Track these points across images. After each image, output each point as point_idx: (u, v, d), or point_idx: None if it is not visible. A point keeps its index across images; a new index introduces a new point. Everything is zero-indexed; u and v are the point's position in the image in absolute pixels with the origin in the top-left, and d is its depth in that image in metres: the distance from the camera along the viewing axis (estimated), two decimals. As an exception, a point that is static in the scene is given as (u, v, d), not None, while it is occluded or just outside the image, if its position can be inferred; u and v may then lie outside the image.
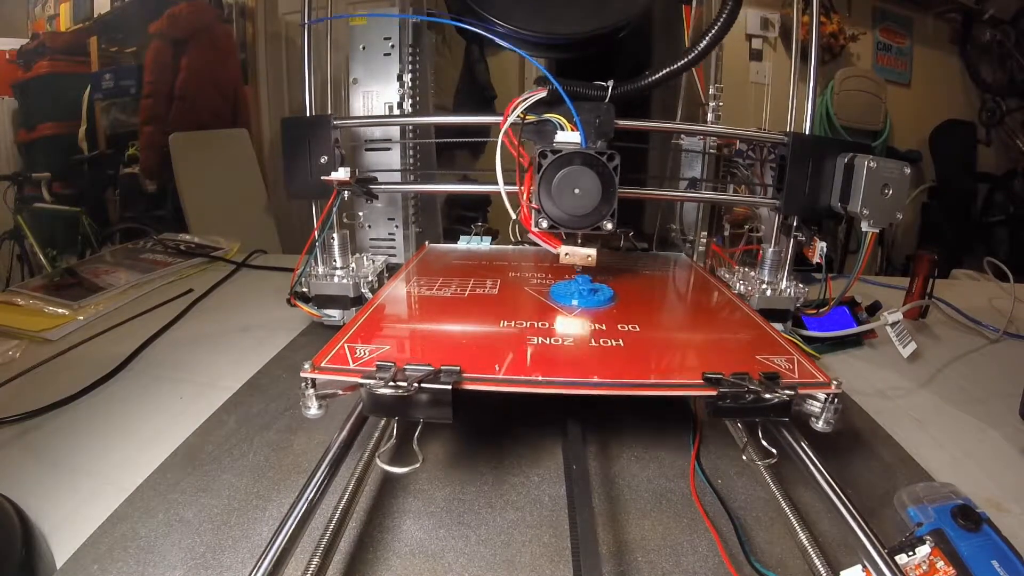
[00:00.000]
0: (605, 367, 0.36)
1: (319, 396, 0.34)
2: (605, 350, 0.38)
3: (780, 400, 0.32)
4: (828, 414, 0.34)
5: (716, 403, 0.33)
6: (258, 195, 2.02)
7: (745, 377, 0.33)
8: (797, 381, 0.35)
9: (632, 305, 0.48)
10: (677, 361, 0.39)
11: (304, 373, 0.34)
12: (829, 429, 0.35)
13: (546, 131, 0.47)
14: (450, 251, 0.67)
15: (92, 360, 0.57)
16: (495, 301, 0.48)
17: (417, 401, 0.31)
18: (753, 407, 0.32)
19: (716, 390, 0.32)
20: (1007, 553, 0.32)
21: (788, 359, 0.38)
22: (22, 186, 2.05)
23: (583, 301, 0.47)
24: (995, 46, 2.17)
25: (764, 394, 0.32)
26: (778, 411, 0.33)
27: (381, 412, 0.33)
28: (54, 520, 0.36)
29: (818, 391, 0.34)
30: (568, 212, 0.44)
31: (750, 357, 0.38)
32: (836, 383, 0.34)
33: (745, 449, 0.36)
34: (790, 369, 0.36)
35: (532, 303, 0.48)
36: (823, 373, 0.36)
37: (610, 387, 0.34)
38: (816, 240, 0.53)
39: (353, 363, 0.35)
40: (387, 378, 0.31)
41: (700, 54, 0.48)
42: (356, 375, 0.33)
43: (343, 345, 0.37)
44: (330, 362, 0.35)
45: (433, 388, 0.31)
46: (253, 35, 2.17)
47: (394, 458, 0.33)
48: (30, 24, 2.46)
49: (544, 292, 0.50)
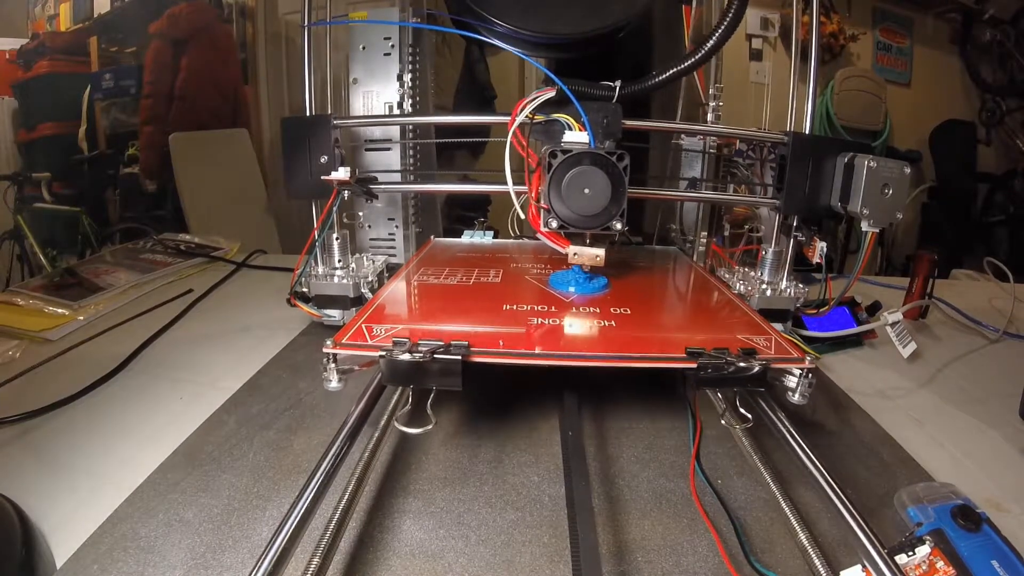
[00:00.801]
0: (598, 343, 0.40)
1: (339, 371, 0.37)
2: (599, 329, 0.42)
3: (756, 371, 0.35)
4: (803, 387, 0.37)
5: (697, 374, 0.36)
6: (258, 195, 2.02)
7: (724, 351, 0.36)
8: (773, 356, 0.38)
9: (625, 292, 0.51)
10: (664, 338, 0.42)
11: (327, 348, 0.37)
12: (804, 401, 0.38)
13: (554, 131, 0.47)
14: (454, 245, 0.70)
15: (92, 360, 0.57)
16: (498, 288, 0.51)
17: (430, 369, 0.35)
18: (732, 377, 0.36)
19: (696, 362, 0.36)
20: (1007, 553, 0.32)
21: (767, 338, 0.41)
22: (22, 186, 2.05)
23: (580, 288, 0.50)
24: (995, 46, 2.17)
25: (740, 363, 0.35)
26: (755, 381, 0.36)
27: (398, 380, 0.36)
28: (54, 520, 0.36)
29: (792, 365, 0.38)
30: (578, 212, 0.45)
31: (732, 336, 0.41)
32: (810, 358, 0.37)
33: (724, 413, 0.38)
34: (767, 346, 0.39)
35: (532, 290, 0.51)
36: (798, 350, 0.39)
37: (603, 360, 0.37)
38: (816, 240, 0.53)
39: (371, 340, 0.38)
40: (404, 348, 0.35)
41: (708, 53, 0.48)
42: (374, 350, 0.36)
43: (361, 325, 0.40)
44: (350, 339, 0.38)
45: (445, 358, 0.35)
46: (253, 35, 2.17)
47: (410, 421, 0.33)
48: (30, 24, 2.46)
49: (543, 280, 0.53)
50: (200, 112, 2.01)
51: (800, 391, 0.38)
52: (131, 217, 2.12)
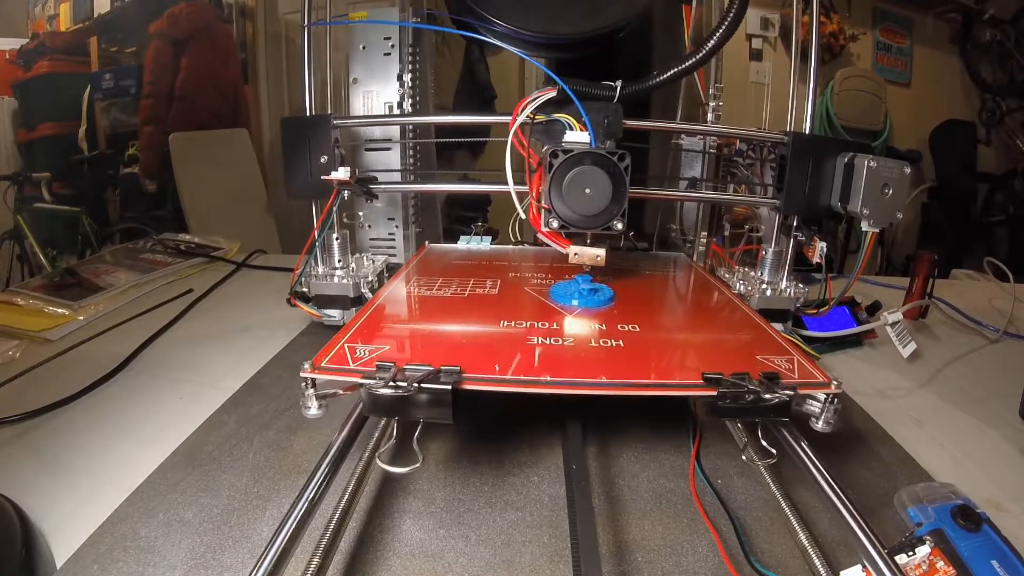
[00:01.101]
0: (605, 367, 0.36)
1: (319, 396, 0.34)
2: (605, 350, 0.38)
3: (780, 400, 0.32)
4: (828, 414, 0.34)
5: (716, 403, 0.32)
6: (258, 195, 2.02)
7: (745, 377, 0.33)
8: (797, 381, 0.35)
9: (632, 305, 0.48)
10: (677, 361, 0.39)
11: (304, 373, 0.34)
12: (829, 429, 0.35)
13: (555, 131, 0.47)
14: (450, 251, 0.67)
15: (92, 360, 0.57)
16: (495, 301, 0.48)
17: (417, 401, 0.31)
18: (752, 407, 0.32)
19: (716, 390, 0.32)
20: (1007, 553, 0.32)
21: (788, 359, 0.38)
22: (22, 186, 2.05)
23: (583, 301, 0.47)
24: (995, 46, 2.17)
25: (764, 394, 0.32)
26: (778, 411, 0.33)
27: (381, 412, 0.33)
28: (54, 520, 0.36)
29: (818, 391, 0.34)
30: (578, 212, 0.44)
31: (750, 357, 0.38)
32: (836, 383, 0.34)
33: (745, 449, 0.37)
34: (790, 369, 0.36)
35: (532, 303, 0.48)
36: (823, 373, 0.36)
37: (610, 387, 0.34)
38: (816, 240, 0.53)
39: (353, 363, 0.35)
40: (387, 378, 0.31)
41: (708, 53, 0.48)
42: (356, 375, 0.33)
43: (343, 345, 0.37)
44: (330, 362, 0.35)
45: (433, 388, 0.31)
46: (253, 35, 2.17)
47: (394, 458, 0.33)
48: (30, 24, 2.46)
49: (544, 292, 0.50)
50: (200, 112, 2.01)
51: (825, 418, 0.34)
52: (131, 217, 2.12)
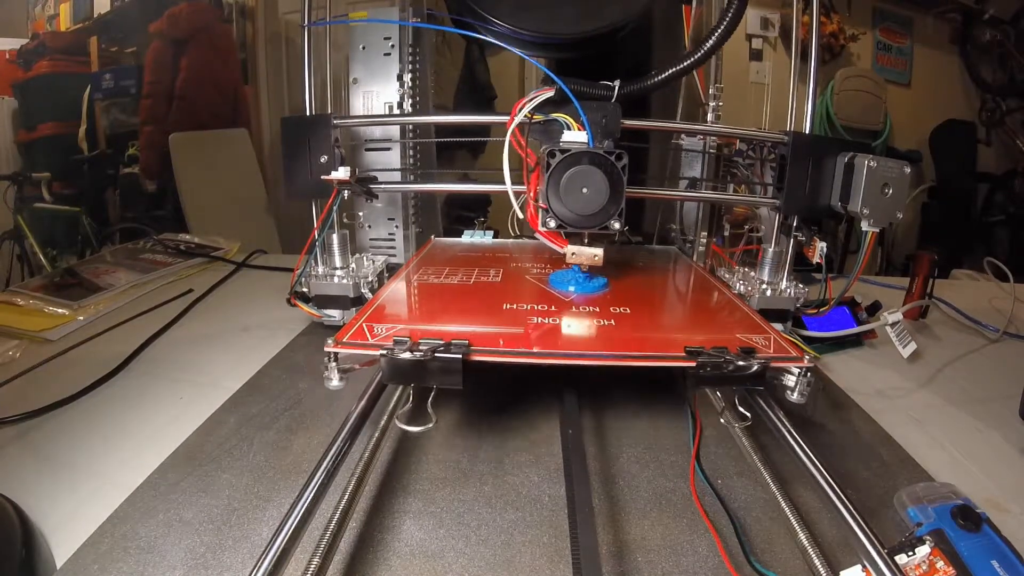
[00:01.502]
0: (598, 343, 0.40)
1: (340, 370, 0.38)
2: (598, 328, 0.42)
3: (755, 369, 0.35)
4: (802, 386, 0.38)
5: (697, 372, 0.36)
6: (258, 195, 2.02)
7: (724, 350, 0.36)
8: (772, 355, 0.38)
9: (624, 291, 0.51)
10: (663, 338, 0.43)
11: (328, 347, 0.37)
12: (803, 400, 0.38)
13: (552, 130, 0.47)
14: (455, 244, 0.70)
15: (92, 360, 0.57)
16: (498, 288, 0.51)
17: (431, 368, 0.35)
18: (731, 376, 0.36)
19: (696, 361, 0.36)
20: (1007, 553, 0.32)
21: (766, 337, 0.41)
22: (22, 186, 2.05)
23: (579, 287, 0.51)
24: (995, 46, 2.17)
25: (739, 362, 0.35)
26: (754, 380, 0.36)
27: (399, 379, 0.36)
28: (54, 520, 0.36)
29: (791, 364, 0.38)
30: (576, 212, 0.45)
31: (731, 336, 0.41)
32: (808, 357, 0.38)
33: (723, 413, 0.39)
34: (766, 346, 0.39)
35: (532, 289, 0.51)
36: (797, 349, 0.39)
37: (602, 358, 0.37)
38: (816, 240, 0.53)
39: (372, 339, 0.38)
40: (405, 347, 0.35)
41: (707, 53, 0.48)
42: (375, 349, 0.36)
43: (362, 324, 0.41)
44: (351, 338, 0.38)
45: (445, 357, 0.35)
46: (253, 35, 2.17)
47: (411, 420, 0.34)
48: (30, 24, 2.46)
49: (543, 280, 0.53)
50: (200, 112, 2.01)
51: (799, 390, 0.38)
52: (131, 217, 2.12)
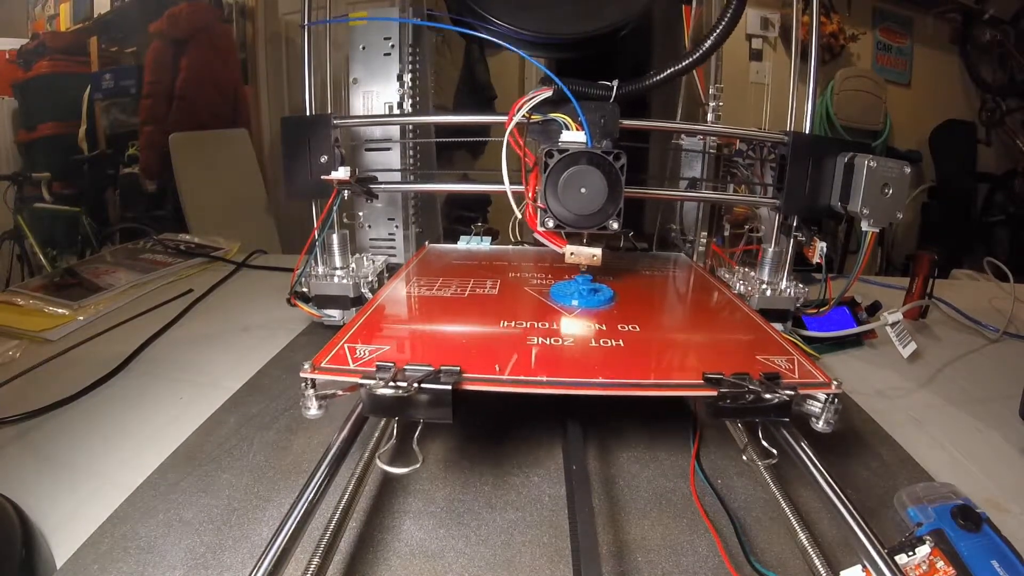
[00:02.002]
0: (606, 367, 0.36)
1: (319, 396, 0.34)
2: (605, 350, 0.38)
3: (780, 400, 0.32)
4: (828, 414, 0.34)
5: (716, 403, 0.32)
6: (258, 195, 2.02)
7: (745, 377, 0.33)
8: (797, 381, 0.34)
9: (632, 305, 0.48)
10: (677, 361, 0.39)
11: (304, 373, 0.34)
12: (829, 429, 0.35)
13: (551, 131, 0.47)
14: (450, 251, 0.67)
15: (92, 360, 0.57)
16: (495, 301, 0.48)
17: (417, 401, 0.31)
18: (753, 407, 0.32)
19: (716, 390, 0.32)
20: (1007, 553, 0.32)
21: (788, 359, 0.37)
22: (22, 186, 2.05)
23: (583, 301, 0.47)
24: (995, 46, 2.17)
25: (764, 394, 0.32)
26: (778, 411, 0.33)
27: (381, 412, 0.33)
28: (54, 520, 0.36)
29: (818, 391, 0.34)
30: (574, 211, 0.44)
31: (750, 357, 0.38)
32: (836, 383, 0.34)
33: (746, 449, 0.36)
34: (790, 369, 0.36)
35: (532, 303, 0.48)
36: (823, 373, 0.36)
37: (611, 387, 0.34)
38: (816, 240, 0.53)
39: (353, 363, 0.35)
40: (387, 378, 0.31)
41: (705, 53, 0.48)
42: (356, 375, 0.33)
43: (343, 345, 0.37)
44: (330, 362, 0.35)
45: (433, 388, 0.31)
46: (253, 35, 2.17)
47: (394, 458, 0.33)
48: (30, 24, 2.46)
49: (544, 292, 0.50)
50: (200, 112, 2.01)
51: (825, 418, 0.34)
52: (131, 217, 2.12)
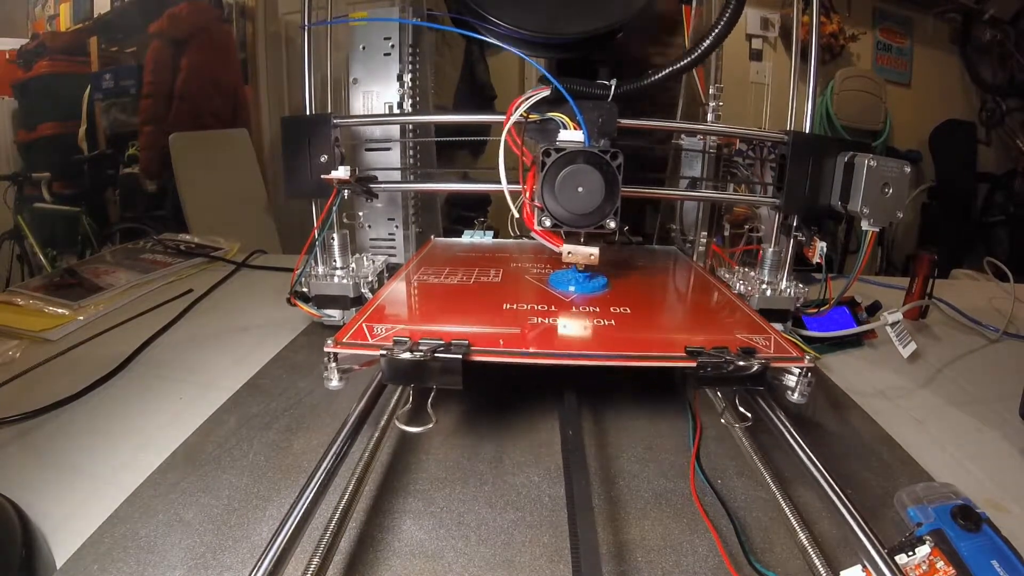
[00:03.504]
0: (598, 343, 0.40)
1: (340, 370, 0.38)
2: (598, 329, 0.42)
3: (755, 369, 0.35)
4: (802, 386, 0.38)
5: (697, 372, 0.36)
6: (258, 195, 2.02)
7: (724, 350, 0.36)
8: (772, 355, 0.38)
9: (624, 291, 0.51)
10: (664, 338, 0.43)
11: (328, 348, 0.37)
12: (804, 400, 0.38)
13: (549, 130, 0.47)
14: (455, 244, 0.70)
15: (92, 360, 0.57)
16: (498, 288, 0.51)
17: (431, 368, 0.35)
18: (731, 376, 0.36)
19: (696, 361, 0.36)
20: (1007, 553, 0.32)
21: (765, 337, 0.41)
22: (22, 186, 2.06)
23: (579, 287, 0.51)
24: (995, 46, 2.17)
25: (740, 362, 0.35)
26: (754, 380, 0.36)
27: (399, 379, 0.36)
28: (54, 520, 0.36)
29: (792, 364, 0.38)
30: (571, 211, 0.45)
31: (731, 335, 0.41)
32: (809, 357, 0.37)
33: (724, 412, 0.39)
34: (766, 346, 0.39)
35: (532, 289, 0.51)
36: (797, 349, 0.39)
37: (602, 359, 0.37)
38: (816, 240, 0.53)
39: (372, 339, 0.38)
40: (404, 348, 0.35)
41: (703, 53, 0.48)
42: (375, 349, 0.37)
43: (362, 324, 0.40)
44: (351, 339, 0.38)
45: (445, 357, 0.35)
46: (253, 35, 2.17)
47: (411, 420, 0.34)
48: (30, 24, 2.46)
49: (543, 280, 0.53)
50: (200, 112, 2.01)
51: (799, 390, 0.38)
52: (131, 217, 2.12)
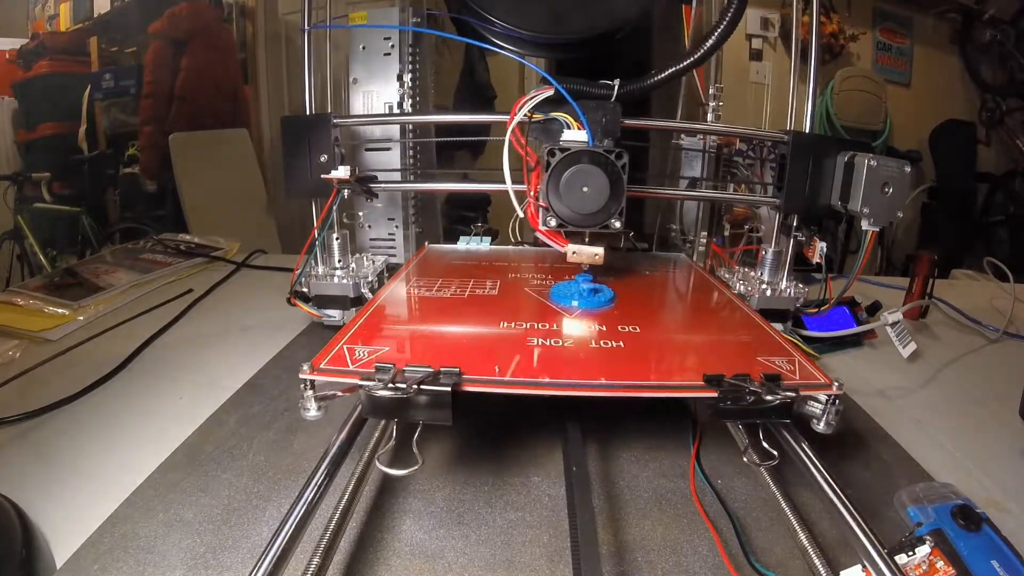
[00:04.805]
0: (606, 369, 0.36)
1: (318, 397, 0.34)
2: (606, 351, 0.38)
3: (781, 401, 0.32)
4: (829, 416, 0.34)
5: (717, 405, 0.32)
6: (258, 195, 2.02)
7: (746, 378, 0.33)
8: (798, 382, 0.34)
9: (632, 306, 0.48)
10: (678, 362, 0.39)
11: (303, 375, 0.34)
12: (830, 431, 0.35)
13: (552, 130, 0.47)
14: (450, 252, 0.67)
15: (92, 360, 0.57)
16: (495, 302, 0.48)
17: (416, 403, 0.31)
18: (754, 408, 0.32)
19: (716, 391, 0.32)
20: (1007, 553, 0.32)
21: (789, 360, 0.37)
22: (22, 186, 2.06)
23: (583, 302, 0.47)
24: (995, 46, 2.17)
25: (765, 395, 0.32)
26: (779, 413, 0.33)
27: (380, 414, 0.33)
28: (54, 520, 0.36)
29: (819, 392, 0.34)
30: (576, 210, 0.44)
31: (751, 358, 0.38)
32: (837, 384, 0.34)
33: (747, 451, 0.36)
34: (791, 370, 0.36)
35: (532, 304, 0.48)
36: (824, 374, 0.36)
37: (610, 388, 0.34)
38: (816, 240, 0.53)
39: (352, 364, 0.35)
40: (386, 380, 0.31)
41: (706, 53, 0.48)
42: (355, 377, 0.33)
43: (342, 346, 0.37)
44: (329, 363, 0.35)
45: (432, 390, 0.31)
46: (253, 35, 2.17)
47: (394, 459, 0.33)
48: (30, 24, 2.46)
49: (544, 293, 0.50)
50: (200, 112, 2.01)
51: (826, 419, 0.34)
52: (131, 217, 2.12)
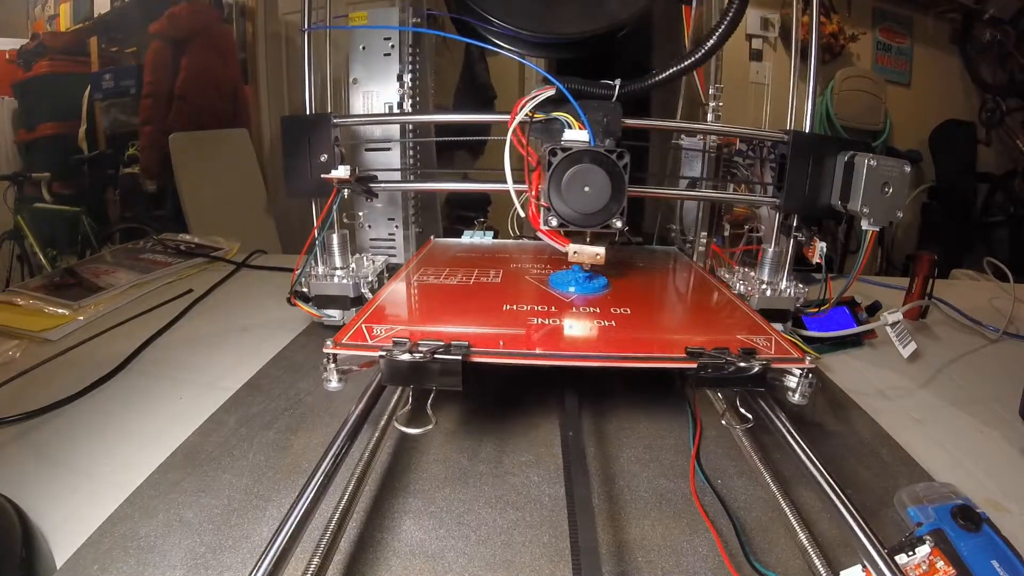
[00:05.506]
0: (598, 343, 0.40)
1: (340, 371, 0.38)
2: (600, 329, 0.42)
3: (756, 370, 0.35)
4: (803, 387, 0.38)
5: (697, 374, 0.36)
6: (258, 195, 2.02)
7: (724, 351, 0.36)
8: (773, 356, 0.38)
9: (624, 292, 0.51)
10: (664, 338, 0.42)
11: (327, 349, 0.37)
12: (805, 401, 0.38)
13: (554, 129, 0.47)
14: (455, 244, 0.70)
15: (92, 360, 0.57)
16: (498, 289, 0.51)
17: (430, 370, 0.35)
18: (731, 377, 0.36)
19: (696, 362, 0.36)
20: (1007, 553, 0.32)
21: (766, 338, 0.41)
22: (22, 186, 2.06)
23: (580, 288, 0.50)
24: (995, 46, 2.17)
25: (740, 363, 0.35)
26: (755, 381, 0.36)
27: (398, 380, 0.36)
28: (54, 520, 0.36)
29: (793, 365, 0.38)
30: (577, 210, 0.45)
31: (732, 336, 0.41)
32: (810, 358, 0.37)
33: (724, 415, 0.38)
34: (767, 347, 0.39)
35: (532, 290, 0.51)
36: (798, 349, 0.39)
37: (602, 359, 0.37)
38: (816, 240, 0.53)
39: (371, 340, 0.38)
40: (404, 349, 0.35)
41: (707, 53, 0.48)
42: (374, 350, 0.36)
43: (361, 325, 0.40)
44: (350, 340, 0.38)
45: (445, 358, 0.35)
46: (253, 35, 2.17)
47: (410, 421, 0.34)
48: (30, 24, 2.46)
49: (543, 280, 0.53)
50: (200, 112, 2.01)
51: (800, 391, 0.38)
52: (131, 217, 2.12)
